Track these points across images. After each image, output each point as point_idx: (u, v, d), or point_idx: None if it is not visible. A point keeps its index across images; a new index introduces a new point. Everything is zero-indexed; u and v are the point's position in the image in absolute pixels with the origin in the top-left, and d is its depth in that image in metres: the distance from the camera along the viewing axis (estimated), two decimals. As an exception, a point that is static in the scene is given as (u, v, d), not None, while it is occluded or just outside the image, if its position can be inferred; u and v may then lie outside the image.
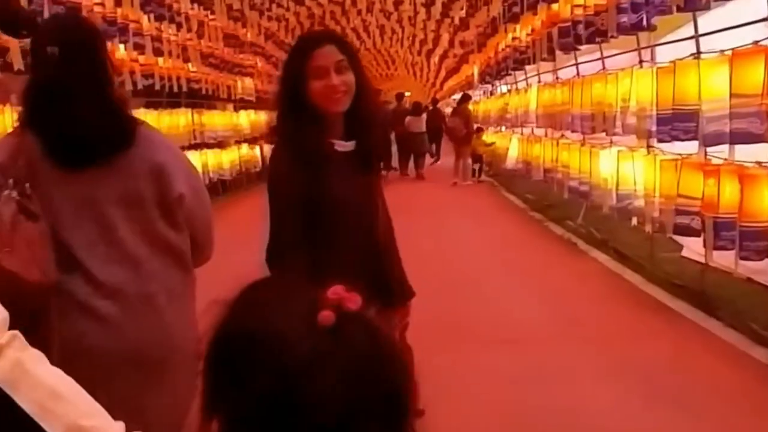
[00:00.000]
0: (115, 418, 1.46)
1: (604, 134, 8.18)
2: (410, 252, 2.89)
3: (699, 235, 5.76)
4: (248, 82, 18.32)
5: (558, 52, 9.48)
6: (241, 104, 18.08)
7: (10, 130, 2.16)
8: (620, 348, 4.92)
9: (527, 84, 13.15)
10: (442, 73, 29.01)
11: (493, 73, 15.15)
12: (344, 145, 2.45)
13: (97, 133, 1.99)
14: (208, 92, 14.31)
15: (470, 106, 17.57)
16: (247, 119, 18.50)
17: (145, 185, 2.03)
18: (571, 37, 8.44)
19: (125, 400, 1.69)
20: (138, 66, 10.01)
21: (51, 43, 1.99)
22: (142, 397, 2.01)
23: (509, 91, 15.06)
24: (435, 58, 27.50)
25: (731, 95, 5.12)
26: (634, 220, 7.38)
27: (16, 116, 2.08)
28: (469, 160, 16.69)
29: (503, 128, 15.82)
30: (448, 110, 22.85)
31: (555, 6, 8.83)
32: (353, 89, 2.40)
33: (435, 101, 23.29)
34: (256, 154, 18.40)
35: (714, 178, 5.46)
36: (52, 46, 1.97)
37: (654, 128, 6.42)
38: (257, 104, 19.60)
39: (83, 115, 1.97)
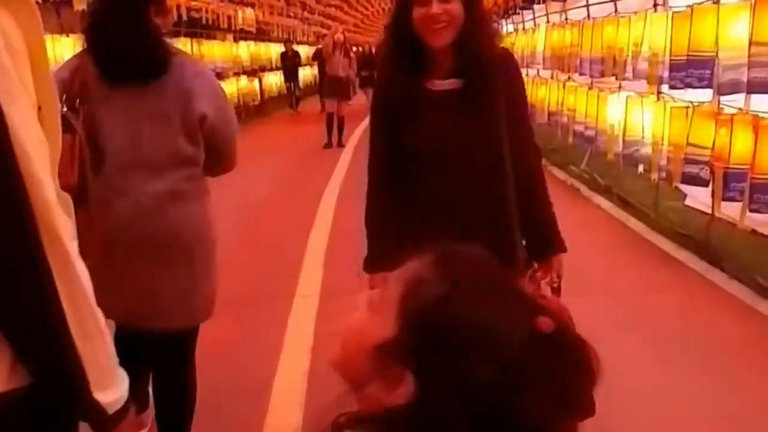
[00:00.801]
0: (137, 299, 2.40)
1: (613, 78, 8.02)
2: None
3: (707, 185, 5.69)
4: (249, 12, 17.95)
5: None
6: (242, 35, 17.77)
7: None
8: (627, 300, 4.86)
9: (535, 24, 12.88)
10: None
11: (500, 12, 14.81)
12: (444, 84, 2.20)
13: (137, 56, 2.37)
14: (208, 22, 14.00)
15: None
16: (247, 51, 18.23)
17: (173, 106, 2.38)
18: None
19: (143, 282, 2.40)
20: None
21: None
22: (157, 280, 2.43)
23: (515, 30, 14.77)
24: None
25: (751, 43, 4.97)
26: (640, 168, 7.27)
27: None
28: None
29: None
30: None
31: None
32: (458, 21, 2.13)
33: None
34: (255, 87, 18.19)
35: (726, 127, 5.35)
36: None
37: (666, 74, 6.29)
38: (258, 36, 19.28)
39: (126, 43, 2.36)
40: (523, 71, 13.40)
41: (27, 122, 1.14)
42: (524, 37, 13.15)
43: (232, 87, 16.05)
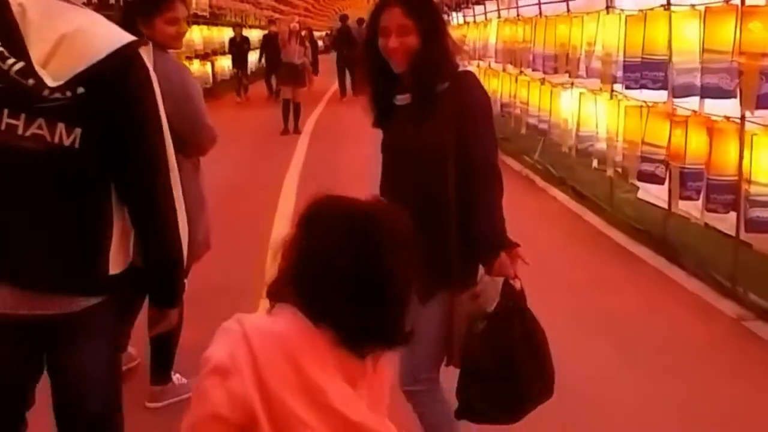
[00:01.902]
0: None
1: (567, 75, 8.27)
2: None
3: (663, 183, 5.96)
4: (203, -4, 17.79)
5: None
6: (194, 20, 17.59)
7: None
8: (587, 297, 5.01)
9: (486, 18, 13.10)
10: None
11: (452, 4, 15.00)
12: (402, 99, 2.61)
13: None
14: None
15: None
16: (200, 35, 18.09)
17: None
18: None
19: None
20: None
21: None
22: None
23: (467, 23, 14.98)
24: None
25: (703, 50, 5.25)
26: (594, 162, 7.55)
27: None
28: None
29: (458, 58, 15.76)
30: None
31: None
32: (411, 51, 2.51)
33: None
34: (207, 70, 18.12)
35: (681, 128, 5.63)
36: None
37: (620, 74, 6.54)
38: (211, 20, 19.13)
39: None
40: (475, 63, 13.68)
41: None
42: (476, 30, 13.36)
43: (183, 73, 15.88)
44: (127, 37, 1.98)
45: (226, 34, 20.40)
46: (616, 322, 4.64)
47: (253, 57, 20.16)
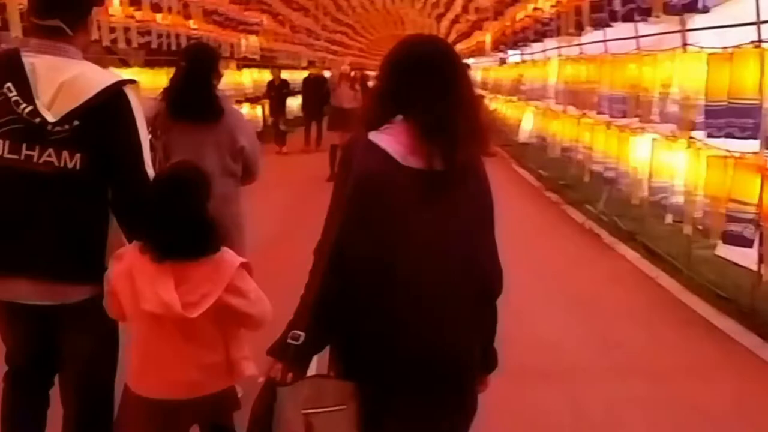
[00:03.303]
0: None
1: (637, 119, 7.55)
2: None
3: (752, 246, 5.18)
4: (253, 39, 17.60)
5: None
6: (244, 62, 17.41)
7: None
8: (671, 386, 4.27)
9: (545, 56, 12.47)
10: (452, 36, 28.13)
11: (509, 42, 14.41)
12: None
13: (204, 108, 3.72)
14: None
15: (478, 74, 17.64)
16: (250, 78, 17.87)
17: (225, 139, 3.71)
18: (605, 12, 7.75)
19: None
20: (134, 22, 9.30)
21: (185, 59, 3.85)
22: None
23: (524, 61, 14.38)
24: (445, 22, 26.58)
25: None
26: (669, 218, 6.76)
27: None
28: None
29: (515, 99, 15.17)
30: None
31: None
32: None
33: None
34: (258, 114, 17.76)
35: (776, 184, 4.87)
36: (182, 61, 3.85)
37: (700, 120, 5.80)
38: (261, 62, 18.90)
39: (197, 99, 3.72)
40: (534, 103, 13.02)
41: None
42: (534, 68, 12.73)
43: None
44: (113, 78, 2.51)
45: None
46: (707, 414, 3.88)
47: (296, 101, 18.75)
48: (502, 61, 19.65)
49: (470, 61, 20.93)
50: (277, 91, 16.50)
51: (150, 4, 9.45)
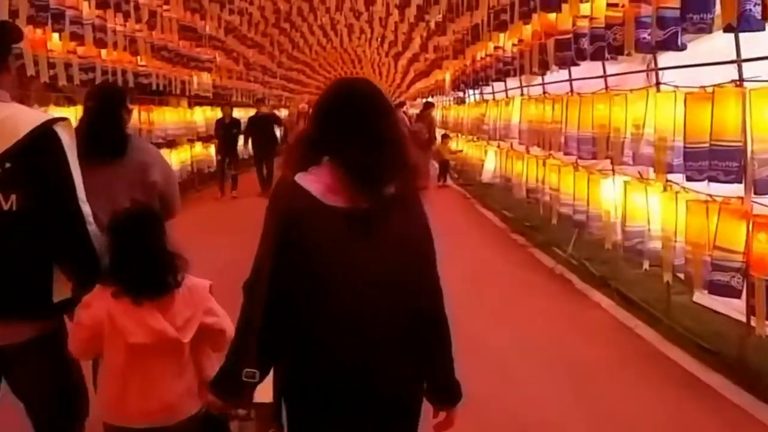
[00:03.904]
0: None
1: (608, 161, 7.25)
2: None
3: (740, 297, 4.84)
4: (205, 76, 17.12)
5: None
6: (196, 100, 16.91)
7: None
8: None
9: (506, 95, 12.22)
10: (411, 75, 28.00)
11: (469, 81, 14.17)
12: None
13: (114, 144, 3.62)
14: (159, 87, 13.07)
15: (437, 112, 17.75)
16: (203, 116, 17.36)
17: (135, 174, 3.60)
18: (572, 51, 7.46)
19: None
20: (76, 58, 8.77)
21: (91, 99, 3.78)
22: None
23: (485, 101, 14.13)
24: (404, 61, 26.45)
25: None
26: (646, 264, 6.42)
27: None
28: (436, 165, 17.21)
29: (476, 138, 14.92)
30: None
31: (552, 16, 7.82)
32: None
33: (401, 104, 23.78)
34: (211, 152, 17.17)
35: (765, 232, 4.53)
36: (90, 101, 3.77)
37: (677, 162, 5.49)
38: (214, 100, 18.43)
39: (109, 136, 3.61)
40: (495, 143, 12.75)
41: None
42: (496, 108, 12.45)
43: (184, 154, 15.14)
44: (43, 117, 2.53)
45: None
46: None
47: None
48: (460, 101, 19.51)
49: (430, 99, 20.86)
50: (227, 131, 14.95)
51: (93, 39, 8.90)
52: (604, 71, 7.49)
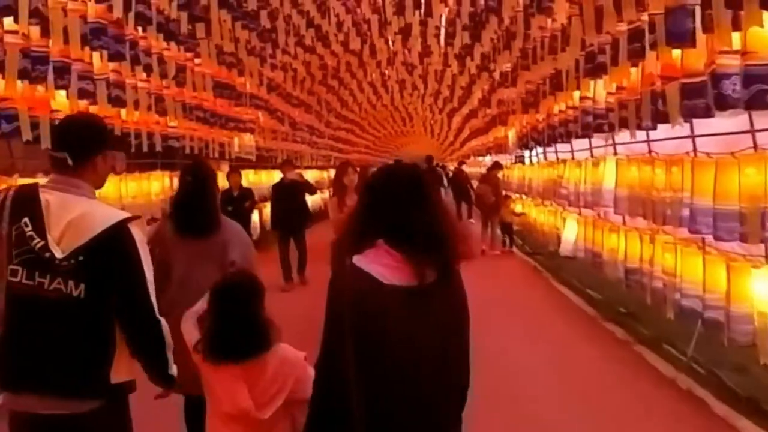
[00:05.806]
0: None
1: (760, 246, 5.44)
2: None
3: None
4: (248, 138, 15.76)
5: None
6: (239, 163, 15.53)
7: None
8: None
9: (591, 154, 10.46)
10: (465, 133, 26.42)
11: (542, 138, 12.44)
12: None
13: (206, 223, 4.07)
14: (193, 150, 11.69)
15: (501, 173, 16.51)
16: (246, 180, 15.93)
17: (217, 252, 3.98)
18: (706, 98, 5.65)
19: None
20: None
21: (188, 175, 4.19)
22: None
23: (561, 161, 12.38)
24: (458, 117, 24.91)
25: None
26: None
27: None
28: (498, 230, 15.63)
29: (552, 204, 13.12)
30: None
31: (677, 53, 6.05)
32: None
33: (461, 162, 23.90)
34: (255, 219, 15.68)
35: None
36: (187, 176, 4.19)
37: None
38: (258, 163, 17.05)
39: (201, 215, 4.09)
40: (575, 210, 10.96)
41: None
42: (578, 169, 10.68)
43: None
44: (117, 216, 2.72)
45: (277, 177, 17.66)
46: None
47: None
48: (519, 159, 17.82)
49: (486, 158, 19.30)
50: (236, 205, 10.98)
51: (108, 96, 7.47)
52: (752, 125, 5.70)
